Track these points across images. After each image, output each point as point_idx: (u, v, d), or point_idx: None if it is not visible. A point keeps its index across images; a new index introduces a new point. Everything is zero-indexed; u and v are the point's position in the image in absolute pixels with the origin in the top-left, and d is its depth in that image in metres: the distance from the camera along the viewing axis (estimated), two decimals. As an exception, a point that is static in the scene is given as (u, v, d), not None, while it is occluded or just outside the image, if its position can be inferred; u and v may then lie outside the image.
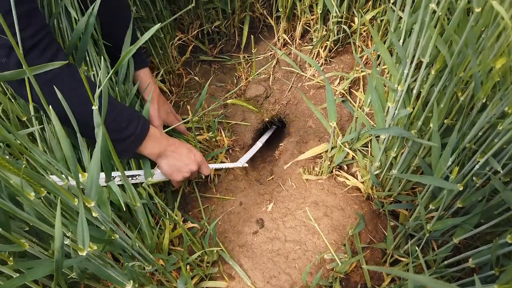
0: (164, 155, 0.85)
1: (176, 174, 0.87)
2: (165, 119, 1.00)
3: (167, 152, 0.85)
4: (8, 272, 0.49)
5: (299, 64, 1.27)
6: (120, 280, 0.61)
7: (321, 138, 1.12)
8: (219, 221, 0.96)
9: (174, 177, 0.87)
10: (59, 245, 0.42)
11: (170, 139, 0.87)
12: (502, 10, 0.45)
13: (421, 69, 0.68)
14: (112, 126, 0.73)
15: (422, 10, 0.62)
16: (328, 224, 0.91)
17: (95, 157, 0.51)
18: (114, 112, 0.74)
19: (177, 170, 0.86)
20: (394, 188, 0.91)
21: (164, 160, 0.85)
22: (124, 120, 0.76)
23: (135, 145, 0.79)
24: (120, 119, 0.75)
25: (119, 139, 0.75)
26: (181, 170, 0.87)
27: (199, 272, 0.83)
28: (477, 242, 0.82)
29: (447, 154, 0.70)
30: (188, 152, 0.88)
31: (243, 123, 1.19)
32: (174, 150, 0.86)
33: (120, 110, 0.76)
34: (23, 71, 0.47)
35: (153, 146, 0.82)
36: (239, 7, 1.27)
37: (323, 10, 1.15)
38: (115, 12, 0.87)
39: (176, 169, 0.86)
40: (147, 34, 0.52)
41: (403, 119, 0.79)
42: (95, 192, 0.50)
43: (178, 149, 0.87)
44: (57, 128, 0.49)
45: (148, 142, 0.80)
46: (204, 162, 0.93)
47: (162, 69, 1.19)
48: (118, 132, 0.75)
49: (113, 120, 0.73)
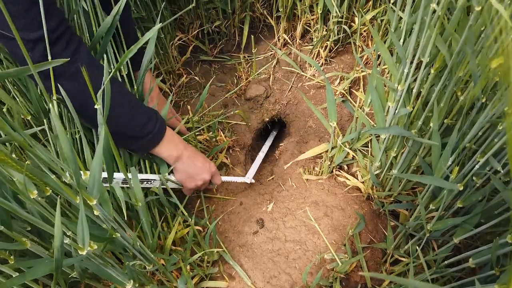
0: (181, 160, 0.82)
1: (190, 181, 0.86)
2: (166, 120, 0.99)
3: (183, 157, 0.82)
4: (8, 272, 0.49)
5: (299, 64, 1.27)
6: (121, 280, 0.61)
7: (321, 138, 1.12)
8: (219, 221, 0.96)
9: (187, 183, 0.86)
10: (58, 244, 0.42)
11: (186, 144, 0.85)
12: (502, 9, 0.45)
13: (421, 68, 0.68)
14: (131, 122, 0.71)
15: (422, 9, 0.62)
16: (328, 224, 0.91)
17: (97, 155, 0.51)
18: (134, 109, 0.72)
19: (191, 177, 0.85)
20: (394, 188, 0.91)
21: (180, 165, 0.83)
22: (143, 117, 0.74)
23: (152, 144, 0.77)
24: (139, 116, 0.73)
25: (137, 136, 0.73)
26: (195, 178, 0.85)
27: (199, 272, 0.83)
28: (477, 242, 0.82)
29: (447, 154, 0.70)
30: (204, 161, 0.87)
31: (243, 123, 1.19)
32: (190, 156, 0.84)
33: (139, 107, 0.74)
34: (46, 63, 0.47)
35: (171, 149, 0.80)
36: (239, 7, 1.27)
37: (323, 10, 1.15)
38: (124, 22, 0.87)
39: (190, 176, 0.85)
40: (148, 33, 0.53)
41: (403, 119, 0.79)
42: (97, 190, 0.50)
43: (195, 156, 0.85)
44: (57, 125, 0.49)
45: (165, 143, 0.78)
46: (217, 173, 0.92)
47: (163, 69, 1.19)
48: (137, 129, 0.73)
49: (132, 116, 0.72)
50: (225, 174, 1.07)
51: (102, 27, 0.72)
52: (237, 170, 1.08)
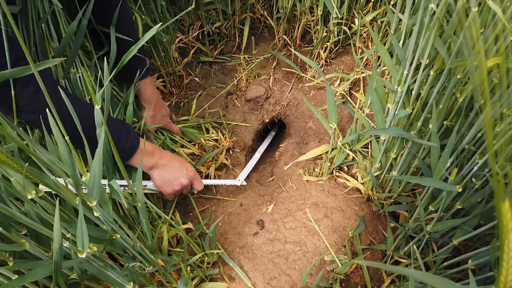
0: (156, 168, 0.85)
1: (166, 186, 0.88)
2: (159, 123, 1.02)
3: (158, 165, 0.85)
4: (7, 274, 0.49)
5: (299, 65, 1.28)
6: (120, 281, 0.62)
7: (322, 139, 1.12)
8: (219, 222, 0.96)
9: (164, 189, 0.88)
10: (57, 247, 0.42)
11: (162, 152, 0.88)
12: (498, 10, 0.45)
13: (420, 70, 0.68)
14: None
15: (421, 11, 0.63)
16: (328, 225, 0.91)
17: (97, 157, 0.51)
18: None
19: (167, 183, 0.87)
20: (394, 189, 0.91)
21: (155, 172, 0.86)
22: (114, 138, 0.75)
23: (124, 159, 0.80)
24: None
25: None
26: (172, 183, 0.87)
27: (199, 273, 0.83)
28: (477, 244, 0.82)
29: (446, 156, 0.70)
30: (180, 166, 0.89)
31: (244, 124, 1.20)
32: (165, 163, 0.86)
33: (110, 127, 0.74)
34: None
35: (145, 160, 0.83)
36: (240, 8, 1.27)
37: (323, 11, 1.15)
38: (124, 28, 0.87)
39: (167, 182, 0.87)
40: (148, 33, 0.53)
41: (403, 120, 0.79)
42: (97, 192, 0.50)
43: (170, 162, 0.87)
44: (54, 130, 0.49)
45: (137, 157, 0.81)
46: (197, 178, 0.93)
47: (164, 71, 1.19)
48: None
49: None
50: (225, 175, 1.07)
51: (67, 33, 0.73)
52: (237, 171, 1.09)
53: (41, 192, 0.46)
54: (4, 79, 0.55)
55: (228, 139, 1.13)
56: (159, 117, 1.02)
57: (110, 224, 0.56)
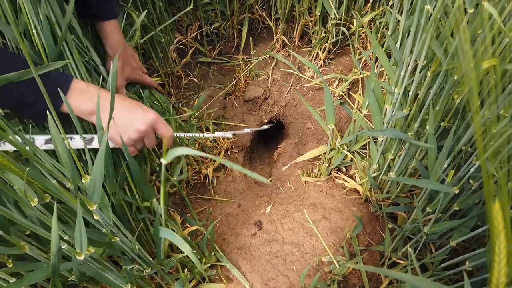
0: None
1: (119, 135, 0.69)
2: (129, 76, 0.87)
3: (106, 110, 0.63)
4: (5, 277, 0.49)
5: (297, 66, 1.28)
6: (118, 284, 0.62)
7: (320, 140, 1.12)
8: (217, 223, 0.96)
9: (117, 139, 0.70)
10: (55, 250, 0.42)
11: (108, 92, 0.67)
12: (494, 12, 0.45)
13: (417, 71, 0.68)
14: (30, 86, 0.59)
15: (417, 12, 0.63)
16: (326, 226, 0.91)
17: (98, 160, 0.51)
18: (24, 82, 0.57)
19: (120, 130, 0.69)
20: (392, 190, 0.92)
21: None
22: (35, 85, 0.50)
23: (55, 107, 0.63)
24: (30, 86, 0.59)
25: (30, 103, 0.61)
26: (127, 129, 0.69)
27: (196, 276, 0.83)
28: (474, 245, 0.82)
29: (443, 157, 0.70)
30: (134, 108, 0.70)
31: (242, 125, 1.20)
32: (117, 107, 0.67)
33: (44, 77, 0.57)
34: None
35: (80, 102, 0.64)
36: (238, 8, 1.27)
37: (322, 12, 1.15)
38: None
39: (119, 129, 0.69)
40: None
41: (400, 121, 0.79)
42: (97, 196, 0.50)
43: (119, 104, 0.68)
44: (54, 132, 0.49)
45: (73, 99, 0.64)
46: (160, 121, 0.72)
47: (162, 71, 1.19)
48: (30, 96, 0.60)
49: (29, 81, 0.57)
50: (224, 175, 1.07)
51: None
52: (236, 172, 1.09)
53: (47, 198, 0.46)
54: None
55: (227, 140, 1.13)
56: (128, 70, 0.86)
57: (110, 227, 0.56)
